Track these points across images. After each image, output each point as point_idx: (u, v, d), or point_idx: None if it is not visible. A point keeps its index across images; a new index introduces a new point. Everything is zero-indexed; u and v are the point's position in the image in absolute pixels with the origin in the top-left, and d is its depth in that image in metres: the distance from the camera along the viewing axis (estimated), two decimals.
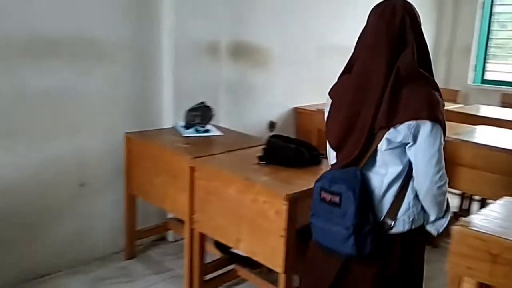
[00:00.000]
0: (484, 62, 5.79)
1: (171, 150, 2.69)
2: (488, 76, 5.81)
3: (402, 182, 1.60)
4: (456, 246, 1.53)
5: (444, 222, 1.69)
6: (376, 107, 1.53)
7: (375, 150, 1.58)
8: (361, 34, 1.65)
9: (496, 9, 5.64)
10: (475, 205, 3.84)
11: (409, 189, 1.61)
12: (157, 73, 3.20)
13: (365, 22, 1.64)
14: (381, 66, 1.53)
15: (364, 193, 1.57)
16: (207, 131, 2.96)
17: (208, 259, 2.68)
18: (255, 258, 2.20)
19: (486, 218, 1.83)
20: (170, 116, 3.20)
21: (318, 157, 2.45)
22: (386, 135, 1.54)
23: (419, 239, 1.70)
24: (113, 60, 2.99)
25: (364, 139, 1.56)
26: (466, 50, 5.79)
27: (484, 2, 5.63)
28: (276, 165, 2.33)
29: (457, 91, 5.45)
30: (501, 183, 2.81)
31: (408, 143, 1.55)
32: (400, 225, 1.61)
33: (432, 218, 1.67)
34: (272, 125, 4.15)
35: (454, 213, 3.83)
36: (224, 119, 3.50)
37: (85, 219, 2.99)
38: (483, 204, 3.55)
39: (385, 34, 1.55)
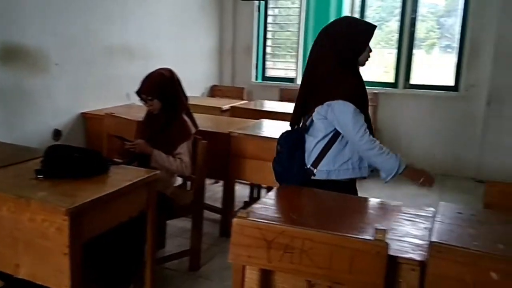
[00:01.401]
0: (264, 61, 6.33)
1: None
2: (269, 73, 6.36)
3: (324, 145, 2.29)
4: (236, 237, 1.59)
5: (392, 172, 2.20)
6: (303, 96, 2.38)
7: (312, 120, 2.32)
8: None
9: (270, 12, 6.20)
10: (263, 193, 4.13)
11: (330, 151, 2.29)
12: None
13: None
14: (305, 71, 2.38)
15: (295, 146, 2.35)
16: None
17: None
18: (37, 281, 2.00)
19: (264, 207, 1.98)
20: None
21: (105, 164, 2.32)
22: (316, 109, 2.28)
23: (333, 190, 2.22)
24: None
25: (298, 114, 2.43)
26: (247, 50, 6.22)
27: (259, 6, 6.13)
28: (57, 178, 2.13)
29: (242, 88, 5.81)
30: None
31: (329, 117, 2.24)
32: (319, 174, 2.29)
33: (380, 167, 2.24)
34: (57, 134, 3.83)
35: (245, 202, 4.09)
36: None
37: None
38: (269, 191, 3.85)
39: (312, 50, 2.34)
